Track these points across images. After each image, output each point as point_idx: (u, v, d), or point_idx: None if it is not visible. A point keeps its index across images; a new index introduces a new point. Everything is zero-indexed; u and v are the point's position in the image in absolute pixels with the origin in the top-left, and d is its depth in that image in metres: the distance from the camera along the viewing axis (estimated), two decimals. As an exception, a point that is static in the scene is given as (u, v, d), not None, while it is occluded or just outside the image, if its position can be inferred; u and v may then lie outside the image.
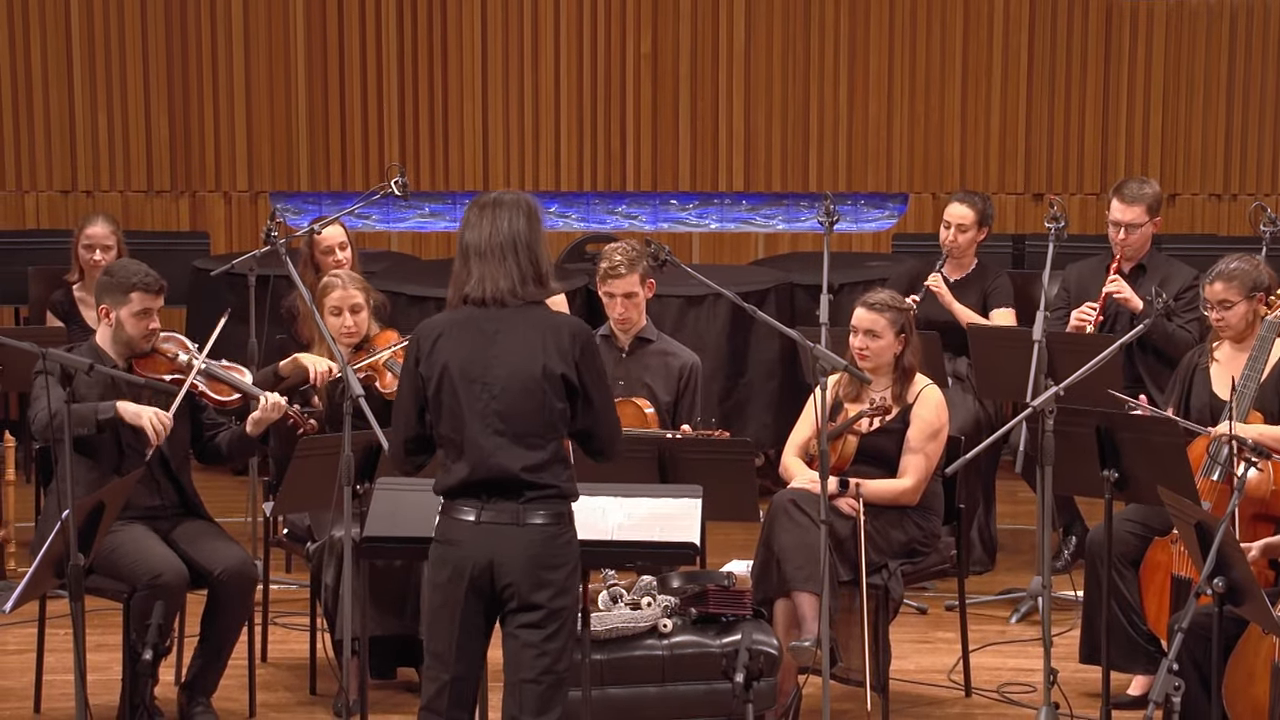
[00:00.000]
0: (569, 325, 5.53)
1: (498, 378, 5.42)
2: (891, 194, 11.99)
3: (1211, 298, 7.22)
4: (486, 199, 5.55)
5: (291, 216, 11.82)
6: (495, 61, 11.85)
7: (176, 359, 7.00)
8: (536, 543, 5.41)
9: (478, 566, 5.40)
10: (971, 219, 8.80)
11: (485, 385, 5.42)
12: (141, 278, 6.96)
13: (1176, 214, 11.75)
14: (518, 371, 5.42)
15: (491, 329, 5.45)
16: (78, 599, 5.95)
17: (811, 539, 6.73)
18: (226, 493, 9.41)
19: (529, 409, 5.42)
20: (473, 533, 5.42)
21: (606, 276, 7.71)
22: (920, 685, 7.52)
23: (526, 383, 5.42)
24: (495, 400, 5.41)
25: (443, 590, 5.46)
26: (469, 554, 5.41)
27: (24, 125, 11.81)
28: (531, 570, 5.40)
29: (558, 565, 5.44)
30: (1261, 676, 6.16)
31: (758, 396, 9.83)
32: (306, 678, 7.48)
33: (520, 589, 5.40)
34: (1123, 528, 7.13)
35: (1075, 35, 11.74)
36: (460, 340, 5.46)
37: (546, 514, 5.43)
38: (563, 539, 5.46)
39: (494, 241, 5.47)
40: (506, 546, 5.40)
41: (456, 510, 5.44)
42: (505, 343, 5.44)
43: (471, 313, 5.48)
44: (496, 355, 5.43)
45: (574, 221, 12.08)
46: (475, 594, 5.43)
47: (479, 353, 5.44)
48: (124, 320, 6.95)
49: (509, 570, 5.40)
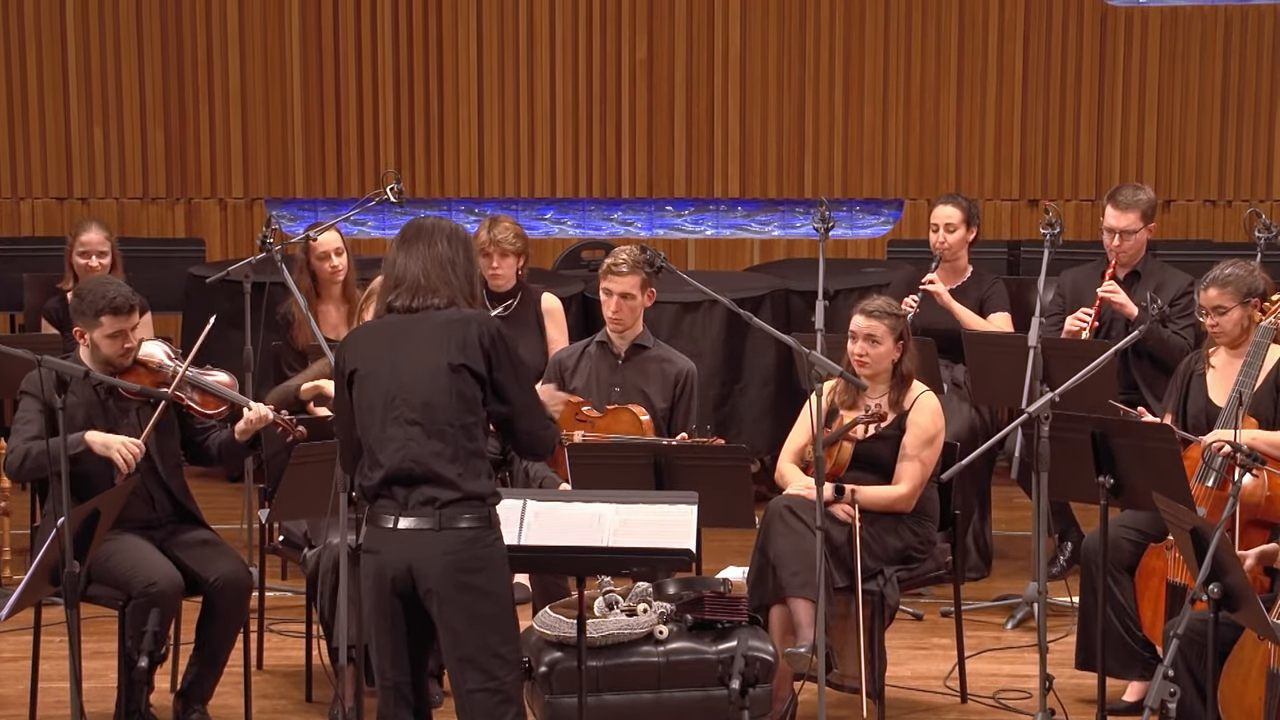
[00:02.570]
0: (476, 318, 5.57)
1: (405, 371, 5.49)
2: (887, 200, 12.00)
3: (1206, 303, 7.22)
4: (420, 225, 5.65)
5: (287, 223, 11.83)
6: (491, 68, 11.86)
7: (161, 368, 6.96)
8: (454, 547, 5.44)
9: (398, 571, 5.46)
10: (959, 218, 8.81)
11: (393, 378, 5.50)
12: (110, 300, 6.85)
13: (1171, 220, 11.76)
14: (424, 363, 5.49)
15: (399, 330, 5.55)
16: (73, 606, 5.94)
17: (807, 545, 6.73)
18: (222, 500, 9.40)
19: (437, 397, 5.47)
20: (392, 539, 5.47)
21: (608, 272, 7.73)
22: (916, 691, 7.52)
23: (434, 371, 5.48)
24: (403, 392, 5.48)
25: (368, 597, 5.58)
26: (389, 560, 5.48)
27: (19, 132, 11.81)
28: (449, 573, 5.43)
29: (476, 569, 5.46)
30: (1257, 682, 6.16)
31: (753, 403, 9.83)
32: (302, 685, 7.48)
33: (441, 593, 5.44)
34: (1119, 534, 7.13)
35: (1070, 41, 11.76)
36: (372, 342, 5.58)
37: (461, 516, 5.45)
38: (481, 544, 5.48)
39: (433, 260, 5.57)
40: (423, 550, 5.44)
41: (375, 516, 5.52)
42: (411, 340, 5.52)
43: (387, 319, 5.59)
44: (402, 352, 5.52)
45: (569, 228, 12.09)
46: (397, 600, 5.50)
47: (386, 350, 5.53)
48: (98, 342, 6.89)
49: (427, 574, 5.44)
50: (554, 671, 6.44)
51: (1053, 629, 7.53)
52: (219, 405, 6.99)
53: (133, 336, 6.94)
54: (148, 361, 6.97)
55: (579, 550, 5.77)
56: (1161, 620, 6.91)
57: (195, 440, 7.11)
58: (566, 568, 6.23)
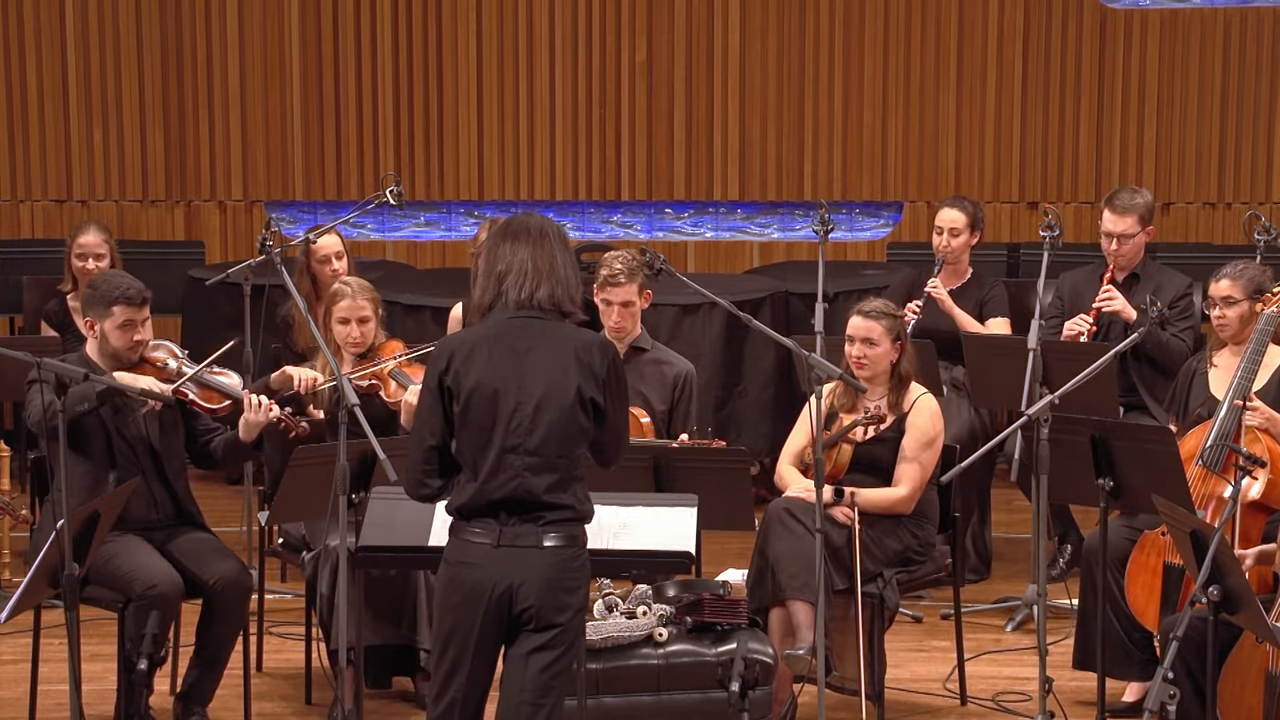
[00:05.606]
0: (599, 344, 5.47)
1: (530, 397, 5.36)
2: (886, 202, 12.00)
3: (1216, 294, 7.26)
4: (519, 225, 5.51)
5: (286, 226, 11.83)
6: (490, 70, 11.86)
7: (166, 367, 6.98)
8: (554, 565, 5.36)
9: (497, 589, 5.35)
10: (963, 222, 8.82)
11: (518, 405, 5.36)
12: (123, 290, 6.90)
13: (1170, 222, 11.76)
14: (550, 393, 5.36)
15: (523, 346, 5.39)
16: (73, 609, 5.94)
17: (807, 548, 6.73)
18: (222, 502, 9.41)
19: (558, 431, 5.36)
20: (491, 556, 5.36)
21: (605, 284, 7.72)
22: (915, 694, 7.52)
23: (560, 404, 5.36)
24: (527, 421, 5.36)
25: (455, 612, 5.40)
26: (487, 576, 5.36)
27: (19, 134, 11.82)
28: (550, 593, 5.36)
29: (574, 588, 5.40)
30: (1256, 685, 6.17)
31: (753, 405, 9.83)
32: (302, 687, 7.48)
33: (540, 611, 5.35)
34: (1119, 534, 7.14)
35: (1070, 44, 11.76)
36: (492, 357, 5.39)
37: (561, 536, 5.38)
38: (578, 562, 5.42)
39: (540, 257, 5.45)
40: (526, 569, 5.35)
41: (469, 532, 5.39)
42: (537, 361, 5.38)
43: (502, 328, 5.42)
44: (529, 374, 5.37)
45: (569, 230, 12.08)
46: (492, 617, 5.38)
47: (511, 371, 5.38)
48: (108, 333, 6.92)
49: (528, 593, 5.35)
50: (554, 674, 6.44)
51: (1052, 631, 7.53)
52: (222, 400, 6.99)
53: (142, 330, 6.96)
54: (154, 359, 6.99)
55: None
56: (1155, 603, 6.89)
57: (199, 441, 7.12)
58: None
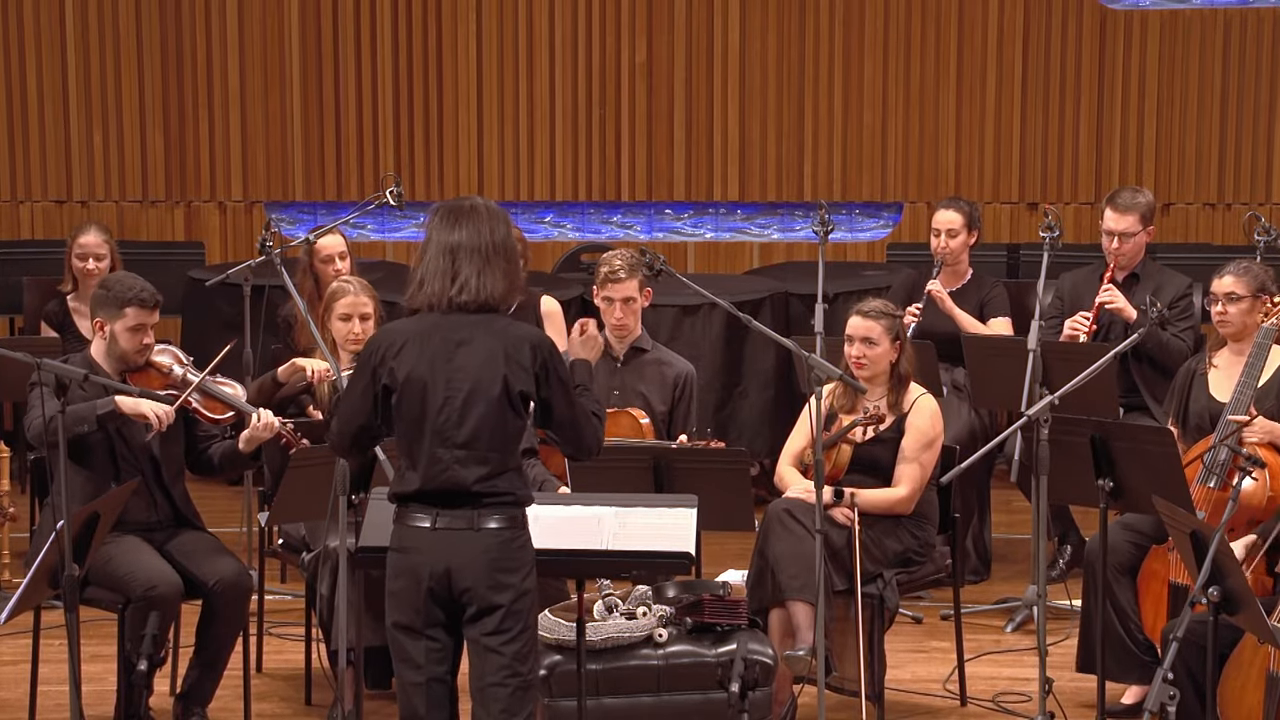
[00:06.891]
0: (530, 338, 5.52)
1: (458, 391, 5.44)
2: (886, 203, 11.99)
3: (1219, 290, 7.26)
4: (462, 204, 5.55)
5: (286, 226, 11.83)
6: (490, 71, 11.86)
7: (170, 373, 6.99)
8: (492, 547, 5.42)
9: (435, 572, 5.43)
10: (960, 223, 8.82)
11: (447, 399, 5.44)
12: (137, 293, 6.94)
13: (1170, 223, 11.76)
14: (478, 387, 5.43)
15: (455, 339, 5.46)
16: (73, 610, 5.94)
17: (806, 548, 6.73)
18: (221, 503, 9.41)
19: (488, 426, 5.44)
20: (429, 539, 5.44)
21: (606, 281, 7.73)
22: (915, 695, 7.52)
23: (488, 398, 5.43)
24: (456, 414, 5.43)
25: (398, 597, 5.49)
26: (425, 560, 5.44)
27: (19, 135, 11.81)
28: (488, 573, 5.41)
29: (513, 568, 5.45)
30: (1256, 685, 6.17)
31: (753, 406, 9.84)
32: (302, 688, 7.48)
33: (478, 592, 5.42)
34: (1120, 536, 7.14)
35: (1070, 45, 11.75)
36: (424, 350, 5.47)
37: (499, 518, 5.44)
38: (517, 543, 5.47)
39: (482, 244, 5.48)
40: (463, 552, 5.42)
41: (410, 517, 5.48)
42: (468, 355, 5.45)
43: (437, 321, 5.48)
44: (460, 368, 5.44)
45: (569, 231, 12.09)
46: (434, 599, 5.45)
47: (441, 364, 5.45)
48: (118, 335, 6.94)
49: (466, 575, 5.42)
50: (554, 674, 6.44)
51: (1052, 632, 7.53)
52: (225, 411, 7.00)
53: (151, 334, 6.98)
54: (158, 364, 7.00)
55: (578, 553, 5.77)
56: (1163, 621, 6.91)
57: (198, 448, 7.12)
58: (566, 571, 6.23)
